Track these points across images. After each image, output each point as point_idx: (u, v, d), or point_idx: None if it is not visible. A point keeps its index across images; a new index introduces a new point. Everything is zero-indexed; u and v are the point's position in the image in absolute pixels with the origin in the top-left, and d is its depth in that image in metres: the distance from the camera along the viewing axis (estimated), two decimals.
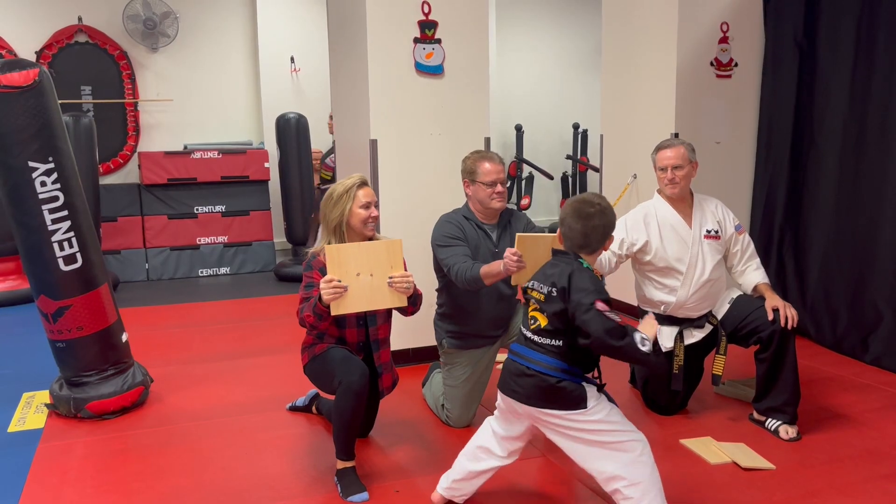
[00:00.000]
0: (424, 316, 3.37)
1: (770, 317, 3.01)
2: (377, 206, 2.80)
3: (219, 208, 7.14)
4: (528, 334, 2.30)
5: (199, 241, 7.08)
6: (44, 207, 3.18)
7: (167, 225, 6.98)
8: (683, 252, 3.16)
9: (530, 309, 2.33)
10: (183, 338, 4.83)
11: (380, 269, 2.61)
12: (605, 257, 3.20)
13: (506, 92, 8.84)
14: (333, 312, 2.58)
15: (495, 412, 2.49)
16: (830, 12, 4.28)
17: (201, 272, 7.06)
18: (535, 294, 2.31)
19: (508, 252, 2.66)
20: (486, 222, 3.14)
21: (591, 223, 2.28)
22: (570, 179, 8.89)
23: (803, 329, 4.32)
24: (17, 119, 3.07)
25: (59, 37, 7.04)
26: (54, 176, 3.18)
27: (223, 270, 7.14)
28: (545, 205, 9.07)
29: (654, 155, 3.25)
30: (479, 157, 3.08)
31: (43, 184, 3.16)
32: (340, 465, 2.71)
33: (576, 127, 8.77)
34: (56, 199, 3.20)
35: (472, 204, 3.14)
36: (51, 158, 3.17)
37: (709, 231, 3.19)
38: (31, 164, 3.12)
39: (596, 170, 8.51)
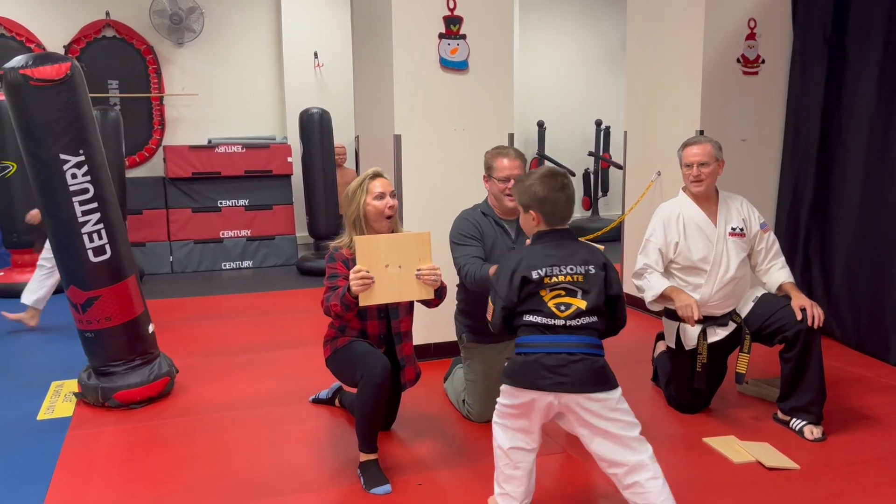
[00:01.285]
0: (445, 311, 3.38)
1: (798, 316, 2.98)
2: (394, 196, 2.81)
3: (242, 202, 7.21)
4: (560, 322, 2.21)
5: (223, 234, 7.15)
6: (74, 199, 3.23)
7: (191, 218, 7.06)
8: (708, 250, 3.14)
9: (553, 299, 2.22)
10: (206, 330, 4.89)
11: (408, 262, 2.62)
12: (654, 259, 3.20)
13: (528, 88, 8.82)
14: (362, 303, 2.60)
15: (500, 419, 2.35)
16: (860, 8, 4.22)
17: (224, 265, 7.13)
18: (564, 279, 2.22)
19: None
20: (504, 218, 3.14)
21: (568, 192, 2.31)
22: (591, 176, 8.86)
23: (828, 329, 4.27)
24: (49, 112, 3.12)
25: (87, 31, 7.14)
26: (85, 168, 3.23)
27: (246, 264, 7.20)
28: None
29: (680, 152, 3.24)
30: (496, 153, 3.09)
31: (74, 176, 3.21)
32: (363, 457, 2.73)
33: (598, 124, 8.73)
34: (86, 191, 3.25)
35: (490, 199, 3.15)
36: (81, 151, 3.22)
37: (734, 229, 3.17)
38: (63, 156, 3.17)
39: (619, 167, 8.47)
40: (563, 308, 2.21)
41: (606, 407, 2.21)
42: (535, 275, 2.23)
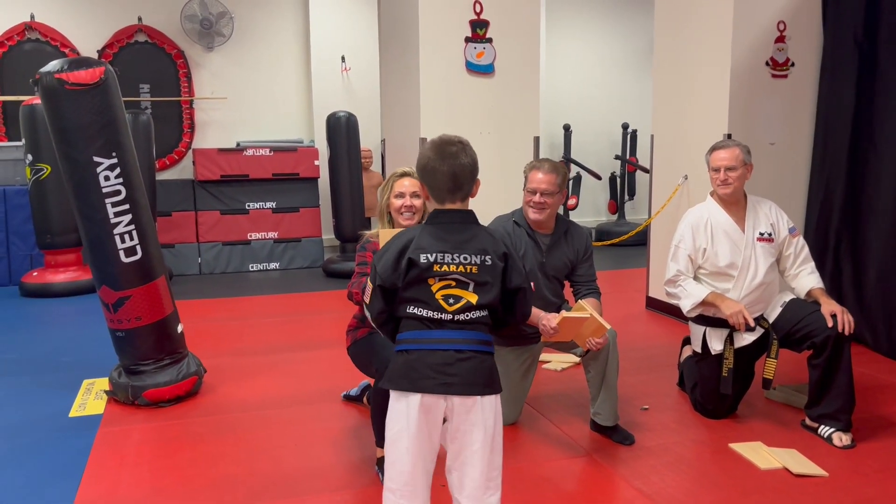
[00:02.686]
0: None
1: (829, 322, 2.95)
2: (416, 197, 2.85)
3: (269, 205, 7.28)
4: (448, 316, 1.90)
5: (250, 236, 7.23)
6: (107, 201, 3.29)
7: (220, 220, 7.15)
8: (736, 255, 3.12)
9: (440, 290, 1.90)
10: (234, 330, 4.95)
11: None
12: (684, 265, 3.17)
13: (554, 92, 8.81)
14: None
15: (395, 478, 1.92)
16: (892, 11, 4.16)
17: (251, 267, 7.21)
18: (455, 269, 1.90)
19: (549, 327, 2.78)
20: (537, 231, 3.13)
21: (452, 163, 1.93)
22: (618, 180, 8.82)
23: (859, 335, 4.21)
24: (83, 115, 3.19)
25: (120, 36, 7.28)
26: (117, 171, 3.29)
27: (273, 266, 7.27)
28: (593, 205, 9.02)
29: (708, 155, 3.22)
30: (532, 165, 3.11)
31: (107, 178, 3.27)
32: (380, 452, 2.74)
33: (625, 127, 8.69)
34: (118, 192, 3.31)
35: (523, 210, 3.16)
36: (114, 154, 3.29)
37: (762, 234, 3.14)
38: (96, 159, 3.24)
39: (645, 170, 8.41)
40: (451, 301, 1.91)
41: (494, 409, 1.93)
42: (423, 259, 1.90)
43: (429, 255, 1.90)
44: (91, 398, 3.65)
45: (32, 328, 5.15)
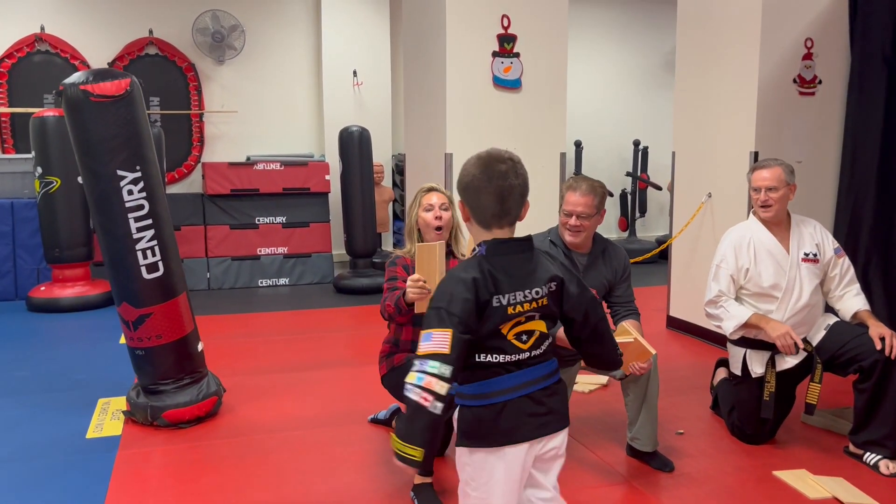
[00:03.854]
0: None
1: (878, 345, 2.87)
2: (445, 209, 2.81)
3: (279, 219, 7.19)
4: (525, 355, 1.75)
5: (260, 251, 7.13)
6: (130, 216, 3.21)
7: (229, 235, 7.06)
8: (780, 277, 3.04)
9: (512, 330, 1.74)
10: (247, 347, 4.84)
11: None
12: (726, 286, 3.09)
13: (567, 107, 8.76)
14: (417, 311, 2.57)
15: None
16: None
17: (261, 282, 7.11)
18: (529, 307, 1.74)
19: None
20: (574, 250, 3.05)
21: (500, 183, 1.74)
22: (629, 197, 8.76)
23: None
24: (107, 128, 3.11)
25: (131, 49, 7.22)
26: (141, 185, 3.21)
27: (282, 281, 7.17)
28: (604, 222, 8.93)
29: (749, 175, 3.15)
30: (568, 185, 3.01)
31: (130, 192, 3.19)
32: (418, 479, 2.67)
33: (636, 144, 8.65)
34: (142, 207, 3.22)
35: (559, 231, 3.07)
36: (138, 167, 3.20)
37: (807, 254, 3.06)
38: (120, 172, 3.16)
39: (657, 187, 8.37)
40: (524, 338, 1.75)
41: (564, 442, 1.85)
42: (496, 302, 1.70)
43: (502, 298, 1.70)
44: (108, 418, 3.54)
45: (42, 344, 5.04)
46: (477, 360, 1.73)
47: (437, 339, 1.64)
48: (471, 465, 1.76)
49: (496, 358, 1.72)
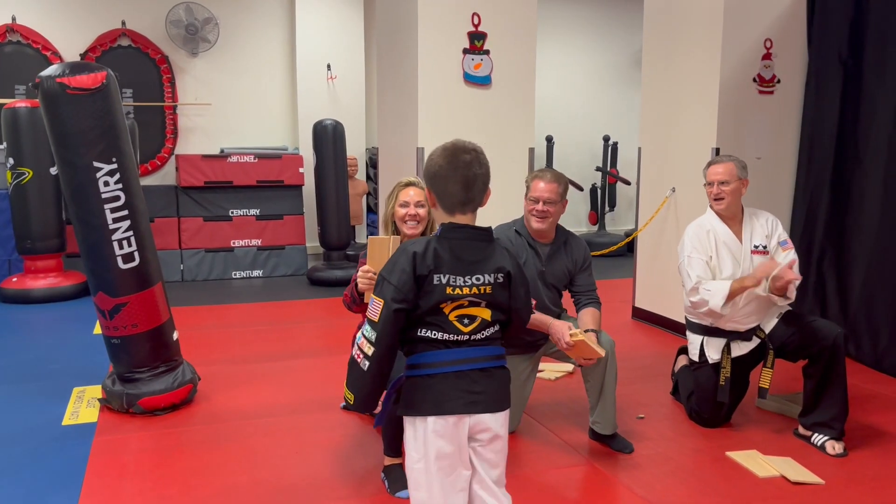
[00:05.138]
0: None
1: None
2: (420, 206, 2.89)
3: (253, 212, 7.24)
4: (464, 336, 1.85)
5: (234, 243, 7.17)
6: (106, 207, 3.26)
7: (202, 227, 7.08)
8: (735, 267, 3.19)
9: (453, 311, 1.83)
10: (221, 338, 4.91)
11: None
12: (702, 270, 3.18)
13: (538, 103, 8.87)
14: (366, 300, 2.67)
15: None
16: (876, 31, 4.29)
17: (235, 274, 7.15)
18: (469, 291, 1.82)
19: (563, 341, 2.83)
20: (538, 240, 3.16)
21: (465, 172, 1.83)
22: (599, 191, 8.92)
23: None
24: (84, 120, 3.15)
25: (103, 40, 7.19)
26: (117, 176, 3.26)
27: (256, 273, 7.22)
28: (574, 216, 9.08)
29: (705, 170, 3.29)
30: (535, 174, 3.14)
31: (106, 184, 3.24)
32: (388, 461, 2.78)
33: (606, 139, 8.80)
34: (118, 198, 3.28)
35: (525, 219, 3.19)
36: (114, 159, 3.26)
37: (756, 246, 3.21)
38: (96, 164, 3.21)
39: (626, 182, 8.54)
40: (466, 322, 1.84)
41: (506, 425, 1.92)
42: (436, 280, 1.80)
43: (442, 277, 1.80)
44: (83, 406, 3.59)
45: (14, 335, 5.05)
46: (419, 334, 1.84)
47: (373, 307, 1.83)
48: (412, 438, 1.86)
49: (436, 334, 1.83)
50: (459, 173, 1.83)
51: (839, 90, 4.51)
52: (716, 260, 3.20)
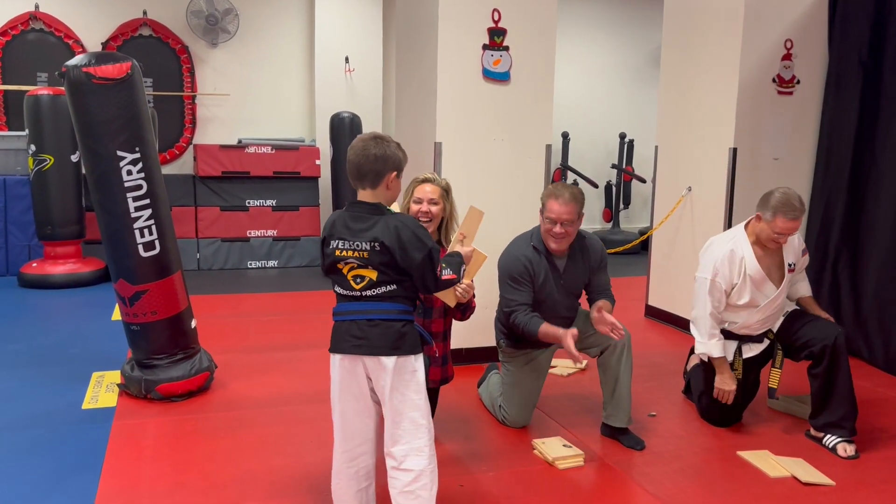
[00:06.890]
0: (479, 318, 3.41)
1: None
2: (434, 203, 2.91)
3: (269, 202, 7.29)
4: (357, 293, 2.19)
5: (250, 233, 7.23)
6: (128, 195, 3.31)
7: (219, 216, 7.15)
8: (761, 299, 3.17)
9: (349, 271, 2.19)
10: (238, 327, 4.96)
11: None
12: (718, 300, 3.17)
13: (554, 99, 8.87)
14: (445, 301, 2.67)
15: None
16: None
17: (250, 264, 7.22)
18: (351, 254, 2.16)
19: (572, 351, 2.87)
20: (554, 253, 3.16)
21: (361, 154, 2.16)
22: (613, 189, 8.92)
23: (855, 349, 4.32)
24: (109, 110, 3.20)
25: (125, 29, 7.26)
26: (140, 165, 3.31)
27: (271, 263, 7.28)
28: (588, 213, 9.03)
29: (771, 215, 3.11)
30: (550, 193, 3.09)
31: (129, 172, 3.29)
32: None
33: (622, 136, 8.79)
34: (140, 187, 3.33)
35: (542, 236, 3.16)
36: (137, 148, 3.31)
37: (790, 265, 3.21)
38: (119, 153, 3.26)
39: (641, 180, 8.53)
40: (358, 280, 2.19)
41: (406, 372, 2.20)
42: (332, 244, 2.21)
43: (334, 241, 2.20)
44: (102, 391, 3.66)
45: (34, 319, 5.13)
46: (334, 288, 2.27)
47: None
48: (331, 369, 2.28)
49: (339, 290, 2.25)
50: (353, 153, 2.19)
51: (858, 92, 4.50)
52: (738, 289, 3.16)
